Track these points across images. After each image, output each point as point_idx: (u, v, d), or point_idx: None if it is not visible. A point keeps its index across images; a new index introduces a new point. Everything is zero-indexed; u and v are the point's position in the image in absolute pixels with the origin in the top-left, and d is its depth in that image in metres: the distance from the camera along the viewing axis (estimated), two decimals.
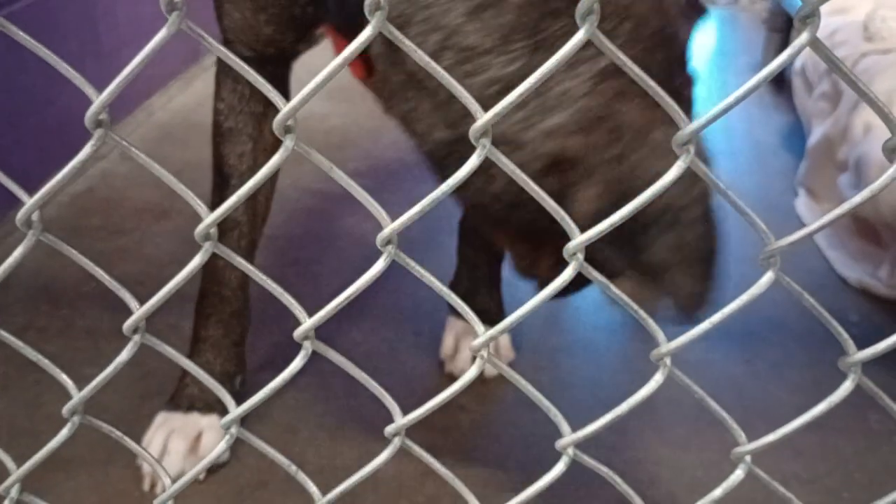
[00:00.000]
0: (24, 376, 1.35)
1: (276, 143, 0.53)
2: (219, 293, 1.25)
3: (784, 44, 2.64)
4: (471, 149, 0.49)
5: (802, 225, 1.89)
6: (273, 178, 1.27)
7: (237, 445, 0.62)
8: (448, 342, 1.47)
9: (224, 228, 1.20)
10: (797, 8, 0.44)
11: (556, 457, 0.65)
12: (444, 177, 0.54)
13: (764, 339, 1.53)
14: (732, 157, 2.29)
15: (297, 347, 0.61)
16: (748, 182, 2.14)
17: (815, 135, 1.94)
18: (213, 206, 1.06)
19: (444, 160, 0.88)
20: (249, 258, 1.23)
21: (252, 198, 1.14)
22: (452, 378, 1.41)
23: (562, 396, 1.39)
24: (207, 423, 1.23)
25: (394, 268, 0.57)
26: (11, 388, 1.36)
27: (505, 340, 1.48)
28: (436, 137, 0.87)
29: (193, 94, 2.62)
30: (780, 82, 2.53)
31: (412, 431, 0.65)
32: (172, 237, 1.65)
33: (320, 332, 0.59)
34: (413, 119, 0.89)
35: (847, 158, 1.73)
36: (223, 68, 1.20)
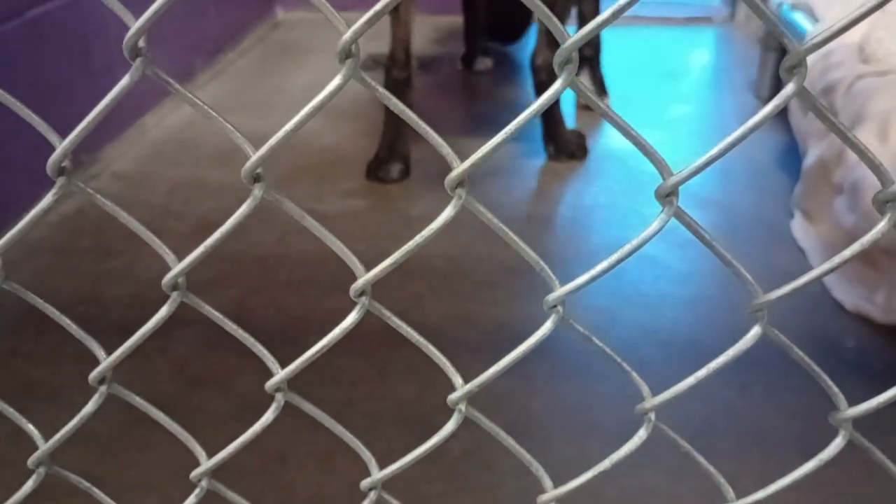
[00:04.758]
0: (9, 404, 1.33)
1: None
2: None
3: (779, 62, 2.63)
4: None
5: (797, 247, 1.88)
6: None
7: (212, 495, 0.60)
8: None
9: None
10: (786, 57, 0.43)
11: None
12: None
13: (759, 365, 1.51)
14: (727, 176, 2.27)
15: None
16: (743, 201, 2.12)
17: (811, 156, 1.93)
18: None
19: None
20: None
21: None
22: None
23: (554, 422, 1.37)
24: None
25: None
26: None
27: None
28: None
29: (186, 112, 2.61)
30: None
31: (402, 456, 0.62)
32: (162, 259, 1.64)
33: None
34: None
35: (842, 182, 1.72)
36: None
